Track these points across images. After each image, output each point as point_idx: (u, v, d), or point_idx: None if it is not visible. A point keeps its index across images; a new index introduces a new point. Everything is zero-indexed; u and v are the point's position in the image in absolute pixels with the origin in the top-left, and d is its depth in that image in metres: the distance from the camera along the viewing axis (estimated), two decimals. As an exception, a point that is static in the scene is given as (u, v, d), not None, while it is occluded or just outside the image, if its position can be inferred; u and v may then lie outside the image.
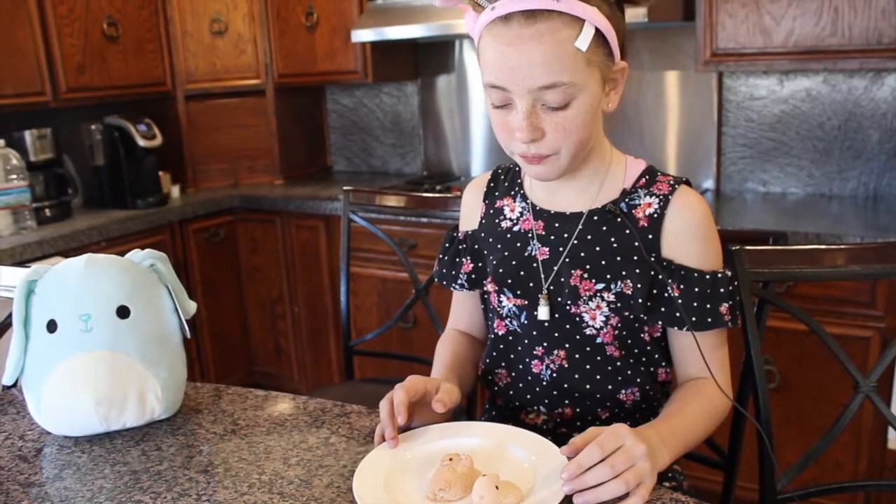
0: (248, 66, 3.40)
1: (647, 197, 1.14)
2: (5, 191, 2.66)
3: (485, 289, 1.24)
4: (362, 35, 2.96)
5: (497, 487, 0.86)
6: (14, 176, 2.68)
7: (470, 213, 1.30)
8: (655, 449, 0.93)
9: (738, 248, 1.20)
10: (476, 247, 1.27)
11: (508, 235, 1.22)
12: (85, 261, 1.15)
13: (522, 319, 1.19)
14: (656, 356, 1.18)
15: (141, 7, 3.16)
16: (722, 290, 1.10)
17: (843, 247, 1.20)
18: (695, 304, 1.10)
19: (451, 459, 0.92)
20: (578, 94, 1.03)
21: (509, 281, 1.19)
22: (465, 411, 1.70)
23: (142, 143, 3.03)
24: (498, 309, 1.22)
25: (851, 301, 2.04)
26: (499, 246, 1.22)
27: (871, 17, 2.13)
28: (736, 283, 1.14)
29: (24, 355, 1.14)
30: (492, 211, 1.26)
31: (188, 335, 1.21)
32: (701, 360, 1.11)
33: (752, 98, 2.67)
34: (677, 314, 1.10)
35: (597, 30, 1.01)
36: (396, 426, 1.01)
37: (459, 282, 1.29)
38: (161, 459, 1.06)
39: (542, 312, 1.16)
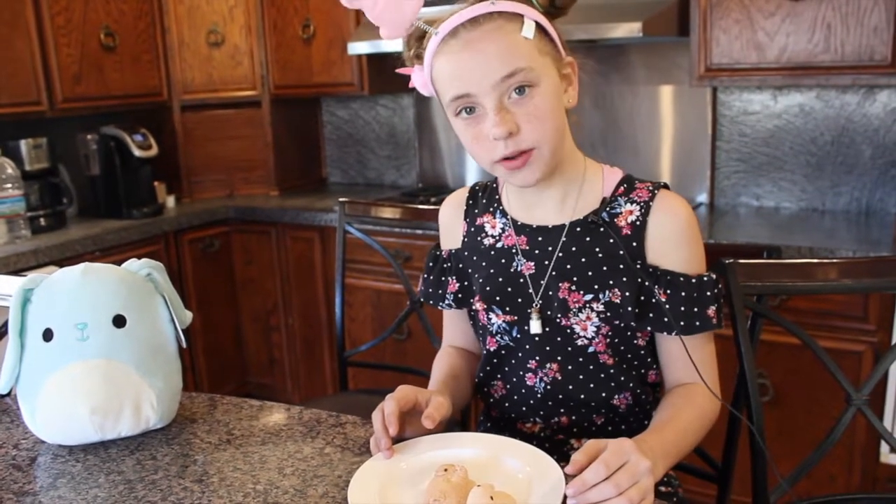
0: (245, 77, 3.41)
1: (628, 204, 1.14)
2: (0, 200, 2.66)
3: (473, 307, 1.24)
4: (358, 47, 2.97)
5: (492, 498, 0.86)
6: (9, 185, 2.68)
7: (451, 232, 1.30)
8: (652, 462, 0.93)
9: (731, 261, 1.21)
10: (461, 266, 1.27)
11: (492, 252, 1.22)
12: (82, 270, 1.15)
13: (514, 334, 1.19)
14: (648, 360, 1.19)
15: (138, 17, 3.17)
16: (708, 293, 1.11)
17: (835, 261, 1.21)
18: (682, 309, 1.10)
19: (445, 470, 0.92)
20: (540, 80, 1.05)
21: (497, 298, 1.19)
22: (458, 423, 1.70)
23: (137, 153, 3.03)
24: (488, 326, 1.22)
25: (844, 315, 2.05)
26: (483, 264, 1.22)
27: (864, 34, 2.16)
28: (720, 286, 1.15)
29: (19, 364, 1.14)
30: (473, 229, 1.26)
31: (184, 345, 1.21)
32: (689, 363, 1.12)
33: (745, 113, 2.69)
34: (665, 319, 1.11)
35: (538, 24, 1.06)
36: (390, 437, 1.01)
37: (447, 301, 1.29)
38: (156, 469, 1.06)
39: (535, 326, 1.16)
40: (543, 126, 1.06)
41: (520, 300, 1.18)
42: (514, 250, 1.19)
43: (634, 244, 1.12)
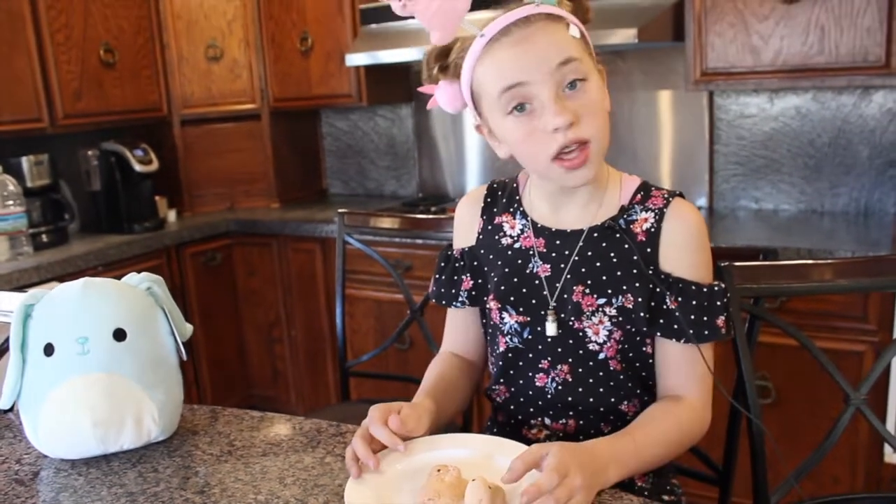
0: (244, 90, 3.43)
1: (644, 212, 1.15)
2: (2, 217, 2.67)
3: (486, 306, 1.25)
4: (356, 59, 2.99)
5: (490, 488, 0.88)
6: (11, 202, 2.69)
7: (466, 229, 1.30)
8: (600, 469, 0.95)
9: (726, 264, 1.21)
10: (475, 263, 1.27)
11: (509, 252, 1.22)
12: (82, 284, 1.16)
13: (525, 335, 1.20)
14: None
15: (137, 33, 3.20)
16: (718, 302, 1.12)
17: (830, 261, 1.21)
18: (692, 317, 1.11)
19: (439, 470, 0.94)
20: (590, 75, 1.08)
21: (512, 298, 1.19)
22: (459, 428, 1.70)
23: (138, 168, 3.05)
24: (500, 325, 1.23)
25: (844, 316, 2.06)
26: (499, 263, 1.23)
27: (857, 36, 2.17)
28: (729, 295, 1.15)
29: (21, 379, 1.14)
30: (490, 227, 1.26)
31: (184, 357, 1.21)
32: (680, 371, 1.13)
33: (742, 116, 2.70)
34: (675, 326, 1.11)
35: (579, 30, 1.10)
36: (377, 458, 1.01)
37: (460, 299, 1.28)
38: (158, 481, 1.07)
39: (550, 328, 1.16)
40: (598, 120, 1.08)
41: (534, 301, 1.18)
42: (531, 252, 1.20)
43: (648, 250, 1.14)
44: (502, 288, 1.20)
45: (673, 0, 2.44)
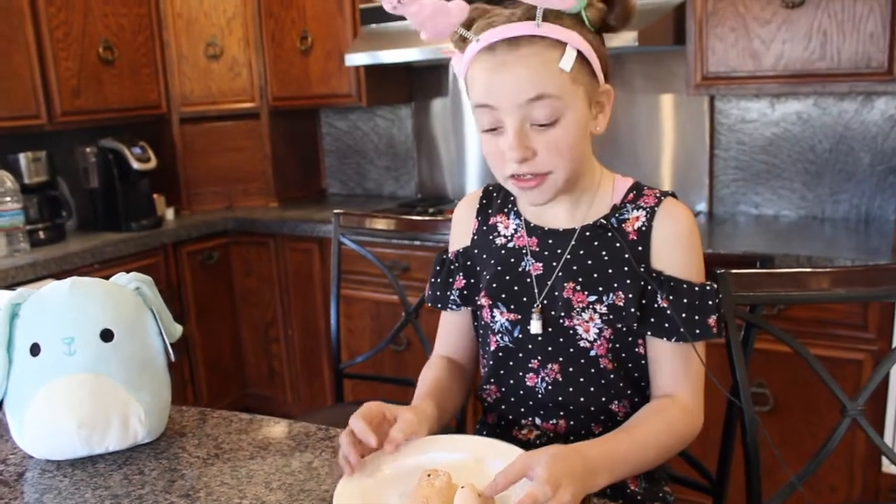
0: (243, 89, 3.42)
1: (636, 211, 1.15)
2: (-1, 213, 2.67)
3: (478, 304, 1.24)
4: (356, 59, 2.97)
5: (479, 495, 0.87)
6: (8, 198, 2.68)
7: (462, 230, 1.31)
8: (590, 473, 0.94)
9: (722, 271, 1.20)
10: (468, 263, 1.27)
11: (503, 251, 1.23)
12: (69, 284, 1.15)
13: (516, 334, 1.20)
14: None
15: (137, 31, 3.18)
16: (710, 302, 1.11)
17: (827, 270, 1.20)
18: (684, 316, 1.10)
19: (429, 475, 0.92)
20: (566, 110, 1.06)
21: (503, 295, 1.19)
22: (454, 431, 1.68)
23: (136, 165, 3.04)
24: (490, 324, 1.23)
25: (843, 324, 2.04)
26: (492, 261, 1.23)
27: (860, 41, 2.15)
28: (721, 296, 1.14)
29: (6, 379, 1.13)
30: (485, 228, 1.27)
31: (173, 358, 1.20)
32: (672, 371, 1.12)
33: (743, 121, 2.68)
34: (666, 325, 1.11)
35: (579, 52, 1.05)
36: (359, 455, 0.99)
37: (452, 298, 1.29)
38: (143, 483, 1.05)
39: (535, 326, 1.16)
40: (561, 157, 1.08)
41: (524, 299, 1.18)
42: (524, 250, 1.20)
43: (640, 249, 1.13)
44: (494, 285, 1.20)
45: (674, 3, 2.42)
